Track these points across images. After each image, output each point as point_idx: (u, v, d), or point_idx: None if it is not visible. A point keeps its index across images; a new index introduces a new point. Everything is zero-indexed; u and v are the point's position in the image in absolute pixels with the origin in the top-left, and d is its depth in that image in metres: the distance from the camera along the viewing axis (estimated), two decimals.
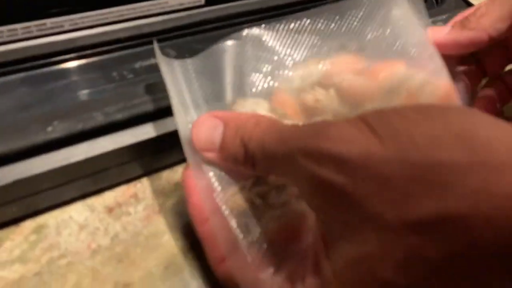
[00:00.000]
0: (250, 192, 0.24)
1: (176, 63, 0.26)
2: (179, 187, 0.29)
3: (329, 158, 0.18)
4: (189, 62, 0.27)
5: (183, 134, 0.24)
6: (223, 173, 0.24)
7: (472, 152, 0.17)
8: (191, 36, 0.28)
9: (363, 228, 0.18)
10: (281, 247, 0.23)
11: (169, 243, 0.27)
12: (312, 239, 0.23)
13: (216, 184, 0.24)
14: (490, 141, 0.17)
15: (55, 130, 0.24)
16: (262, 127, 0.22)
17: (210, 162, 0.24)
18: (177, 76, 0.26)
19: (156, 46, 0.26)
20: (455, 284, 0.17)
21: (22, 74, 0.27)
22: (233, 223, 0.23)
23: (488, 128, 0.17)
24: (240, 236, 0.23)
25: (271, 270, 0.22)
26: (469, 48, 0.29)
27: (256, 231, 0.23)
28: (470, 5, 0.42)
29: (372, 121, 0.19)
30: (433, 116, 0.18)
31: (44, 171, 0.24)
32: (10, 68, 0.27)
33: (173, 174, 0.30)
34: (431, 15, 0.37)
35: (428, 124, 0.18)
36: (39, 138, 0.24)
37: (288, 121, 0.25)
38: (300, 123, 0.25)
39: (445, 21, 0.38)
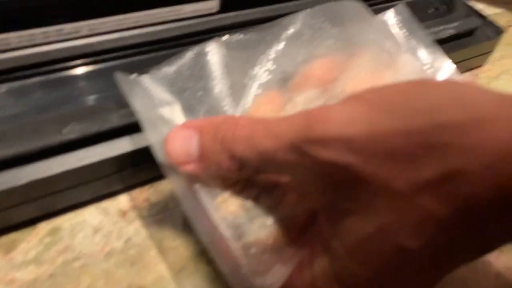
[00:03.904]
0: (239, 198, 0.23)
1: (139, 78, 0.26)
2: None
3: (334, 141, 0.18)
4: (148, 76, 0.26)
5: (158, 150, 0.23)
6: (207, 182, 0.23)
7: (467, 111, 0.18)
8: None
9: (375, 201, 0.18)
10: (280, 245, 0.23)
11: (181, 246, 0.27)
12: (313, 227, 0.22)
13: (203, 194, 0.23)
14: (482, 100, 0.19)
15: (71, 132, 0.25)
16: (245, 126, 0.21)
17: (191, 175, 0.23)
18: (142, 92, 0.25)
19: (116, 75, 0.25)
20: (462, 240, 0.19)
21: (39, 78, 0.27)
22: (226, 231, 0.22)
23: (478, 90, 0.19)
24: (233, 242, 0.22)
25: (272, 268, 0.22)
26: None
27: (250, 235, 0.23)
28: (480, 15, 0.43)
29: (369, 97, 0.20)
30: (424, 85, 0.20)
31: (59, 172, 0.25)
32: (28, 72, 0.27)
33: None
34: (442, 23, 0.38)
35: (422, 91, 0.19)
36: (55, 139, 0.24)
37: None
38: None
39: (456, 29, 0.38)
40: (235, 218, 0.23)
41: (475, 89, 0.19)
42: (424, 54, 0.31)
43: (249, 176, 0.22)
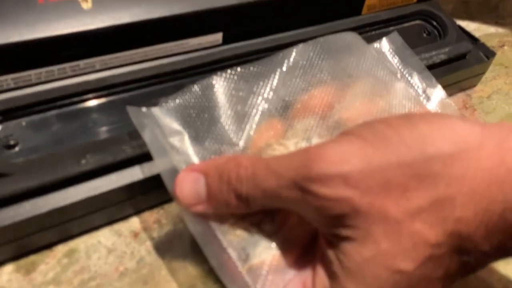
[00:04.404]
0: (244, 222, 0.24)
1: (150, 110, 0.27)
2: None
3: (332, 178, 0.20)
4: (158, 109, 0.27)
5: (166, 178, 0.25)
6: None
7: (453, 143, 0.20)
8: (209, 73, 0.30)
9: (373, 229, 0.20)
10: (283, 266, 0.24)
11: (190, 266, 0.29)
12: (315, 249, 0.24)
13: (211, 220, 0.24)
14: (466, 132, 0.21)
15: (88, 163, 0.26)
16: (247, 166, 0.22)
17: (201, 215, 0.24)
18: (152, 123, 0.27)
19: (128, 108, 0.27)
20: (452, 260, 0.20)
21: (57, 111, 0.29)
22: (233, 253, 0.24)
23: (462, 122, 0.21)
24: (240, 264, 0.24)
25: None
26: None
27: (255, 257, 0.24)
28: (472, 37, 0.44)
29: (362, 133, 0.21)
30: (413, 120, 0.22)
31: (77, 201, 0.26)
32: (46, 106, 0.29)
33: None
34: (434, 48, 0.39)
35: (411, 126, 0.21)
36: (74, 170, 0.26)
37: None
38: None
39: (448, 54, 0.40)
40: (241, 241, 0.24)
41: (460, 121, 0.21)
42: (416, 81, 0.33)
43: (257, 209, 0.23)
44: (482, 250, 0.20)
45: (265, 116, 0.28)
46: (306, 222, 0.23)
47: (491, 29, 0.54)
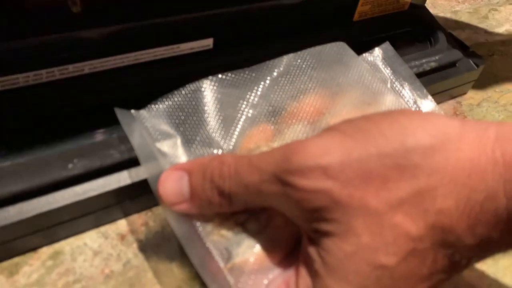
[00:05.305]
0: (229, 222, 0.25)
1: (138, 113, 0.27)
2: None
3: (312, 170, 0.20)
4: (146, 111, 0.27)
5: (153, 183, 0.25)
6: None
7: (433, 135, 0.20)
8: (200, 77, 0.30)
9: (353, 222, 0.20)
10: (266, 266, 0.24)
11: (176, 269, 0.29)
12: (298, 250, 0.24)
13: (194, 220, 0.24)
14: (446, 125, 0.21)
15: (75, 167, 0.26)
16: (230, 163, 0.23)
17: (184, 214, 0.24)
18: (141, 126, 0.27)
19: (116, 111, 0.27)
20: (435, 255, 0.20)
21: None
22: (216, 252, 0.24)
23: (442, 117, 0.21)
24: (222, 263, 0.24)
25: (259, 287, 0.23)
26: None
27: (237, 256, 0.24)
28: (462, 45, 0.45)
29: (342, 127, 0.22)
30: (393, 114, 0.22)
31: (64, 205, 0.26)
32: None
33: None
34: (425, 56, 0.40)
35: (392, 119, 0.21)
36: (61, 174, 0.26)
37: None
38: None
39: (438, 62, 0.40)
40: (224, 241, 0.24)
41: (439, 116, 0.21)
42: (407, 92, 0.33)
43: (239, 208, 0.24)
44: (465, 243, 0.20)
45: (254, 121, 0.28)
46: (291, 224, 0.24)
47: (481, 39, 0.55)
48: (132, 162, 0.28)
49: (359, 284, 0.20)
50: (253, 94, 0.28)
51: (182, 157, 0.27)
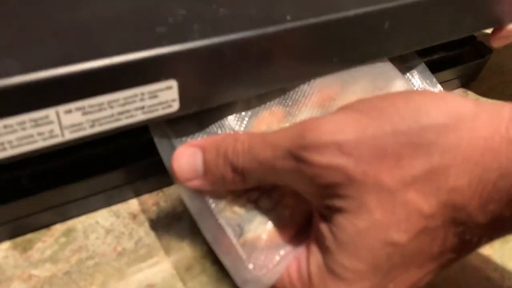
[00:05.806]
0: (241, 199, 0.25)
1: None
2: None
3: (327, 146, 0.20)
4: None
5: (167, 161, 0.25)
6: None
7: (448, 113, 0.20)
8: None
9: (366, 198, 0.20)
10: (278, 242, 0.24)
11: (188, 247, 0.29)
12: (310, 227, 0.24)
13: (207, 196, 0.25)
14: (460, 104, 0.21)
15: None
16: (244, 140, 0.23)
17: (198, 189, 0.24)
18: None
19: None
20: (446, 233, 0.20)
21: None
22: (228, 229, 0.24)
23: (456, 96, 0.21)
24: (234, 238, 0.24)
25: (271, 263, 0.23)
26: None
27: (250, 232, 0.24)
28: (470, 35, 0.45)
29: (357, 105, 0.22)
30: (408, 93, 0.22)
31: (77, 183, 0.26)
32: None
33: None
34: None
35: (407, 98, 0.21)
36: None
37: None
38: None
39: (446, 50, 0.41)
40: (237, 218, 0.24)
41: (454, 96, 0.21)
42: (416, 80, 0.33)
43: (253, 184, 0.24)
44: (477, 222, 0.20)
45: (266, 104, 0.28)
46: (302, 201, 0.24)
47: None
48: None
49: (370, 260, 0.21)
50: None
51: (195, 137, 0.27)
